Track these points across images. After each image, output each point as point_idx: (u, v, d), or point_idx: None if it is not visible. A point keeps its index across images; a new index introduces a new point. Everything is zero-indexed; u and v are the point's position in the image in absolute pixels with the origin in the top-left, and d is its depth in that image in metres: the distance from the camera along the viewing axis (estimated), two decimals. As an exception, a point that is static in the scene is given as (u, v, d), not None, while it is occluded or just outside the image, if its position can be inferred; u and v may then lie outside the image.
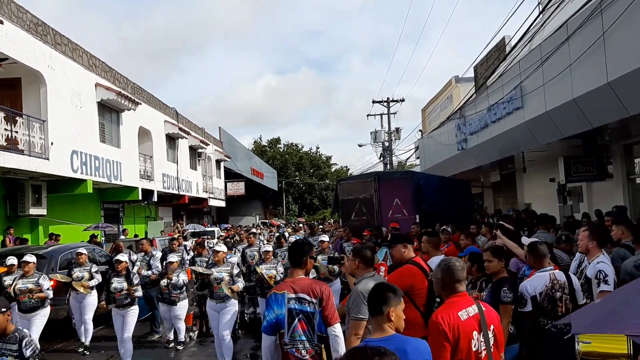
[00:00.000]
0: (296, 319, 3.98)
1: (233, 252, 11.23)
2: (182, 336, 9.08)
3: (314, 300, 4.01)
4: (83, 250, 9.57)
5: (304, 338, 3.98)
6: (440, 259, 6.27)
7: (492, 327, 3.48)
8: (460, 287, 3.52)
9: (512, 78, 12.12)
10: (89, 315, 9.08)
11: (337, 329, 4.02)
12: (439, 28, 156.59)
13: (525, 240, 6.30)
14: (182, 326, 9.04)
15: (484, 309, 3.51)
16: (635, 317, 1.49)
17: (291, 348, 3.97)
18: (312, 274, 8.24)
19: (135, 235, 19.95)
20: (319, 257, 8.95)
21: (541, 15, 11.08)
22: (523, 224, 11.17)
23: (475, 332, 3.35)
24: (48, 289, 8.17)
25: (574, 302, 4.87)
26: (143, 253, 10.65)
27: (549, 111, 10.50)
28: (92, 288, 9.09)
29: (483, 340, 3.39)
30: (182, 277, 8.67)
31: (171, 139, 25.65)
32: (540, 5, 11.59)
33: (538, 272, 4.94)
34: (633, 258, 5.99)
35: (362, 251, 4.56)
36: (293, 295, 4.01)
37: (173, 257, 9.02)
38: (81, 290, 8.95)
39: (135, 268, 9.62)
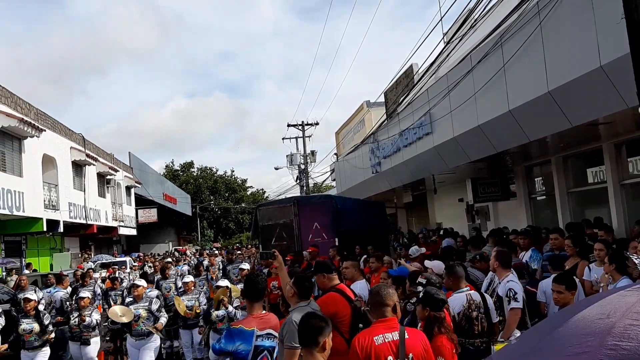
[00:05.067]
0: (260, 355, 4.09)
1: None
2: (94, 377, 8.59)
3: (277, 334, 4.16)
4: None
5: None
6: (362, 283, 6.47)
7: (410, 355, 3.54)
8: (387, 312, 3.65)
9: (422, 105, 12.69)
10: None
11: None
12: (351, 53, 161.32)
13: (428, 263, 6.66)
14: (94, 366, 8.57)
15: (406, 336, 3.59)
16: (550, 356, 1.49)
17: None
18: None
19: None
20: (239, 286, 8.84)
21: (447, 47, 11.75)
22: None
23: (390, 357, 3.48)
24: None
25: (488, 321, 5.17)
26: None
27: (456, 137, 11.03)
28: None
29: None
30: (95, 317, 8.17)
31: (78, 166, 24.42)
32: (445, 37, 12.30)
33: (455, 293, 5.14)
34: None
35: (302, 281, 4.54)
36: (262, 332, 4.12)
37: (85, 293, 8.56)
38: None
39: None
